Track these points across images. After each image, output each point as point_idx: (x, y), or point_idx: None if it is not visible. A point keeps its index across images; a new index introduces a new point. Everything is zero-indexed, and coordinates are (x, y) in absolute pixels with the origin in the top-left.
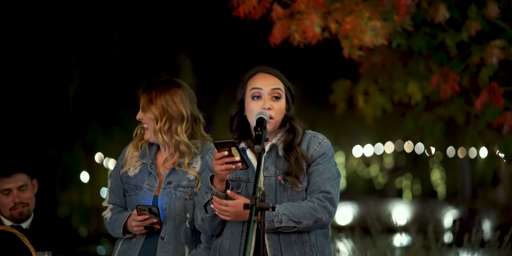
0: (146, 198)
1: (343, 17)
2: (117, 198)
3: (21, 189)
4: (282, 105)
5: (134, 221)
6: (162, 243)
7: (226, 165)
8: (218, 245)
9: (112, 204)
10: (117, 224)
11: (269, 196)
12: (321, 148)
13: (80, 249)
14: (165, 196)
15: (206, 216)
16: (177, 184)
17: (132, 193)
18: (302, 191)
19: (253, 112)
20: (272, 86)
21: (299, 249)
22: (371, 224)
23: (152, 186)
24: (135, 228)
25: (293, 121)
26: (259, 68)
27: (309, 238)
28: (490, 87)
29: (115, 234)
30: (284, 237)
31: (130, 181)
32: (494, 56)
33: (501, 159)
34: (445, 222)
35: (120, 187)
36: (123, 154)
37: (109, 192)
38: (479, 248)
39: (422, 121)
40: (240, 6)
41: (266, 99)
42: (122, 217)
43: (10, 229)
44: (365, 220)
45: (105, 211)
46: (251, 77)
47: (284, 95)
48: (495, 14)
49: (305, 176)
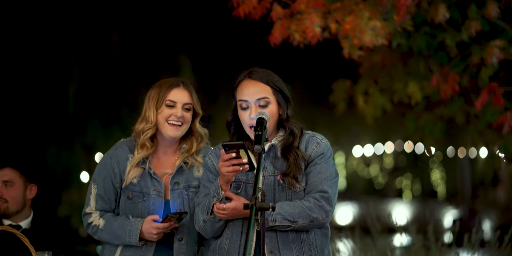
0: (156, 204)
1: (343, 17)
2: (107, 204)
3: (5, 184)
4: (271, 111)
5: (157, 228)
6: (180, 245)
7: (233, 167)
8: (218, 246)
9: (100, 210)
10: (127, 232)
11: (267, 195)
12: (319, 148)
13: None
14: (177, 198)
15: (211, 217)
16: (186, 184)
17: (139, 200)
18: (300, 191)
19: (244, 121)
20: (257, 96)
21: (296, 248)
22: (371, 224)
23: (159, 192)
24: (155, 236)
25: (289, 123)
26: (246, 72)
27: (308, 237)
28: (490, 87)
29: (120, 242)
30: (282, 235)
31: (134, 188)
32: (494, 56)
33: (501, 159)
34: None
35: (111, 192)
36: (115, 160)
37: (95, 199)
38: (479, 248)
39: (422, 121)
40: (240, 6)
41: (252, 108)
42: (131, 225)
43: (10, 229)
44: (365, 220)
45: (92, 218)
46: (238, 84)
47: (274, 99)
48: (495, 14)
49: (303, 176)
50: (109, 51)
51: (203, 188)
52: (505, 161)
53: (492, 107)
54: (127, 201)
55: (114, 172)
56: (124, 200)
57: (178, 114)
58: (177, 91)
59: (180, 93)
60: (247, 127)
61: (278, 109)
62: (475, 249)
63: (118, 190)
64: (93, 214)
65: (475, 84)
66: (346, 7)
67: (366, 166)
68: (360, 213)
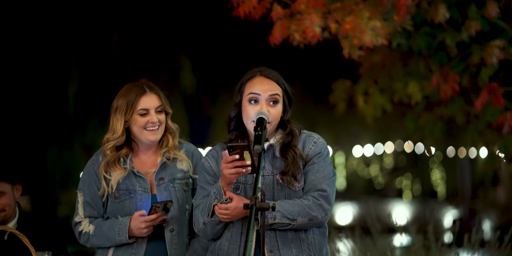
0: (143, 200)
1: (343, 17)
2: (95, 210)
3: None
4: (279, 110)
5: (145, 222)
6: (172, 236)
7: (236, 168)
8: (217, 247)
9: (89, 217)
10: (116, 230)
11: (266, 195)
12: (316, 147)
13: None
14: (164, 191)
15: (211, 220)
16: (171, 177)
17: (126, 198)
18: (299, 190)
19: (250, 115)
20: (270, 92)
21: (296, 247)
22: (371, 224)
23: (145, 188)
24: (144, 230)
25: (290, 124)
26: (258, 70)
27: (307, 236)
28: (490, 87)
29: (111, 243)
30: (281, 234)
31: (120, 187)
32: (494, 56)
33: (501, 159)
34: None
35: (97, 197)
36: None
37: (82, 206)
38: (479, 248)
39: (422, 121)
40: (240, 6)
41: (263, 104)
42: (119, 223)
43: (10, 229)
44: (365, 220)
45: (82, 226)
46: (249, 79)
47: (282, 99)
48: (495, 14)
49: (302, 175)
50: (109, 51)
51: (201, 190)
52: (505, 161)
53: (492, 107)
54: (114, 201)
55: (98, 177)
56: (111, 201)
57: (154, 120)
58: (145, 98)
59: (149, 99)
60: (250, 122)
61: (283, 109)
62: (475, 249)
63: (104, 194)
64: (82, 222)
65: (475, 84)
66: (346, 7)
67: (366, 166)
68: (360, 213)
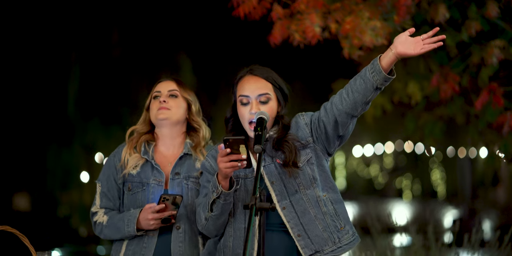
0: (155, 193)
1: (343, 17)
2: (111, 201)
3: None
4: (271, 107)
5: (151, 213)
6: (178, 234)
7: (231, 162)
8: (222, 244)
9: (104, 208)
10: (125, 222)
11: (275, 182)
12: (307, 116)
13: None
14: (176, 187)
15: (212, 214)
16: (187, 174)
17: (138, 190)
18: (304, 165)
19: (243, 117)
20: (259, 92)
21: (321, 223)
22: (371, 224)
23: (159, 181)
24: (151, 222)
25: (283, 120)
26: (248, 69)
27: (328, 209)
28: (490, 87)
29: (121, 234)
30: (303, 214)
31: (134, 179)
32: (494, 56)
33: (501, 159)
34: (445, 222)
35: (114, 189)
36: (117, 157)
37: (99, 197)
38: (479, 248)
39: (422, 121)
40: (240, 6)
41: (253, 104)
42: (130, 214)
43: (10, 229)
44: (365, 220)
45: (97, 216)
46: (239, 81)
47: (274, 96)
48: (495, 14)
49: (300, 156)
50: (109, 50)
51: (202, 189)
52: (505, 161)
53: (492, 107)
54: (128, 194)
55: (117, 169)
56: (126, 193)
57: (162, 99)
58: (162, 83)
59: (165, 84)
60: (246, 123)
61: (277, 106)
62: (475, 249)
63: (120, 186)
64: (98, 212)
65: (475, 84)
66: (346, 7)
67: (366, 166)
68: (360, 213)
